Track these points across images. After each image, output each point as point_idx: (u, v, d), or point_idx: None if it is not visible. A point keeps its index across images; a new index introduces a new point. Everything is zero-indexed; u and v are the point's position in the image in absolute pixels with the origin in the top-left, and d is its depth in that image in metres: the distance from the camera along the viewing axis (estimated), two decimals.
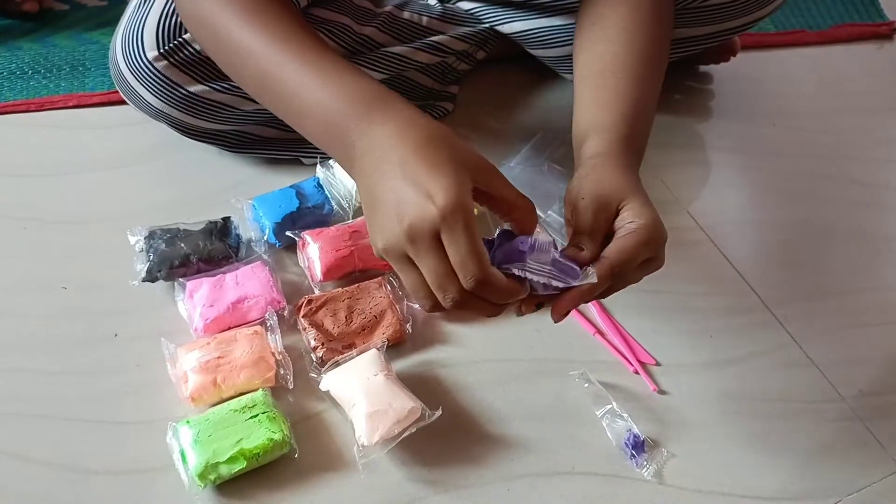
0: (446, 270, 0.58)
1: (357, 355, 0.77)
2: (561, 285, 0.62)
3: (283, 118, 0.71)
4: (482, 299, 0.60)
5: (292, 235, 0.86)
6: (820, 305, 0.90)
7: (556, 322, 0.66)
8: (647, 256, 0.66)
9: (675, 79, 0.89)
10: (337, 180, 0.92)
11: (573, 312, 0.86)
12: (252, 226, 0.89)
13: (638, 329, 0.85)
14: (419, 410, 0.73)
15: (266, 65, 0.69)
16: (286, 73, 0.67)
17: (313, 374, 0.77)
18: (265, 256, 0.85)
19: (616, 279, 0.64)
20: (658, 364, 0.82)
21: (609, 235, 0.66)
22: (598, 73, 0.77)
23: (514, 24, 1.03)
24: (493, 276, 0.59)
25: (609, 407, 0.77)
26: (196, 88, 0.88)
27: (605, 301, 0.87)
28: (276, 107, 0.71)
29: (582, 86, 0.78)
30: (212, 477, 0.69)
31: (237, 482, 0.71)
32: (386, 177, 0.60)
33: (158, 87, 0.87)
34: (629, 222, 0.65)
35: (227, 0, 0.70)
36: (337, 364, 0.77)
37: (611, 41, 0.78)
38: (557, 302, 0.64)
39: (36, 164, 0.96)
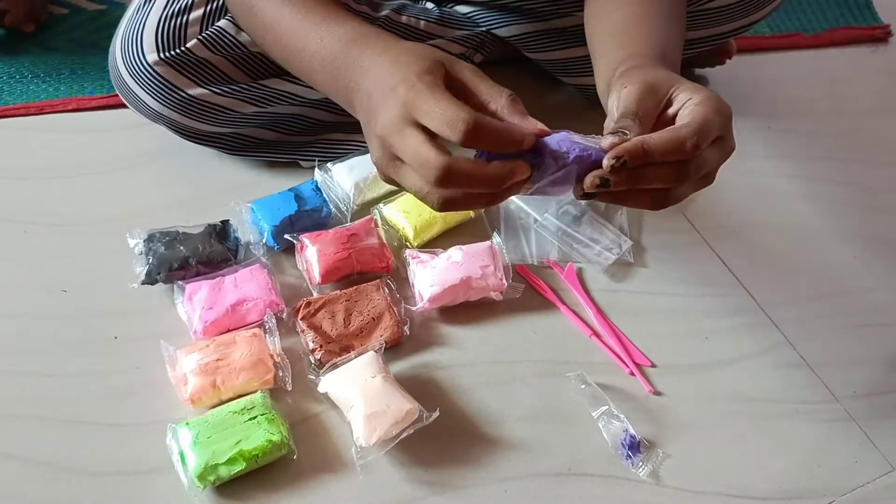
0: (422, 154, 0.58)
1: (355, 357, 0.78)
2: (594, 143, 0.57)
3: (307, 81, 0.75)
4: (479, 177, 0.58)
5: (291, 238, 0.87)
6: (814, 307, 0.90)
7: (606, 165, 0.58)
8: (721, 131, 0.60)
9: None
10: (335, 183, 0.93)
11: (570, 315, 0.86)
12: (251, 229, 0.89)
13: (633, 331, 0.86)
14: (417, 412, 0.74)
15: (283, 28, 0.73)
16: (295, 34, 0.72)
17: (312, 376, 0.78)
18: (264, 259, 0.86)
19: (695, 158, 0.58)
20: (653, 365, 0.83)
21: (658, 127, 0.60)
22: (622, 33, 0.74)
23: (511, 28, 1.03)
24: (486, 120, 0.57)
25: (605, 408, 0.78)
26: (195, 91, 0.88)
27: (600, 303, 0.87)
28: (297, 70, 0.75)
29: (606, 47, 0.74)
30: (211, 478, 0.69)
31: (236, 483, 0.71)
32: (370, 102, 0.63)
33: (158, 90, 0.88)
34: (689, 99, 0.60)
35: None
36: (335, 366, 0.77)
37: (630, 3, 0.76)
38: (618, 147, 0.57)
39: (36, 168, 0.97)
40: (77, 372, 0.79)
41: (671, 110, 0.62)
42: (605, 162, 0.57)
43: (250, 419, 0.72)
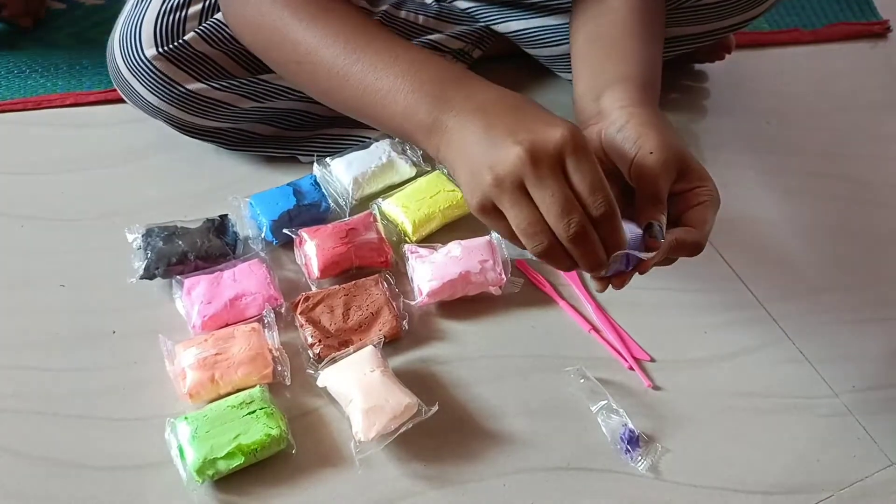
0: (569, 197, 0.57)
1: (354, 352, 0.78)
2: (644, 256, 0.63)
3: (355, 113, 0.72)
4: (591, 242, 0.58)
5: (289, 233, 0.87)
6: (813, 302, 0.90)
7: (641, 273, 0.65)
8: None
9: (669, 77, 0.90)
10: (334, 178, 0.93)
11: (569, 310, 0.86)
12: (249, 223, 0.89)
13: (633, 325, 0.86)
14: (415, 406, 0.74)
15: (338, 56, 0.69)
16: (363, 63, 0.68)
17: (310, 371, 0.78)
18: (262, 254, 0.86)
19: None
20: (653, 360, 0.83)
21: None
22: (605, 37, 0.76)
23: (510, 24, 1.03)
24: (617, 208, 0.58)
25: (604, 402, 0.78)
26: (194, 86, 0.88)
27: (600, 298, 0.87)
28: (346, 102, 0.71)
29: (587, 49, 0.77)
30: (210, 472, 0.69)
31: (235, 478, 0.71)
32: (491, 131, 0.59)
33: (156, 84, 0.88)
34: (700, 188, 0.65)
35: (284, 2, 0.71)
36: (334, 360, 0.77)
37: (613, 10, 0.78)
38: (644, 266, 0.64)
39: (33, 163, 0.97)
40: (75, 367, 0.79)
41: (681, 186, 0.66)
42: (641, 272, 0.65)
43: (249, 413, 0.72)
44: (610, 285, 0.66)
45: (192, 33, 0.87)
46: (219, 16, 0.88)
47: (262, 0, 0.73)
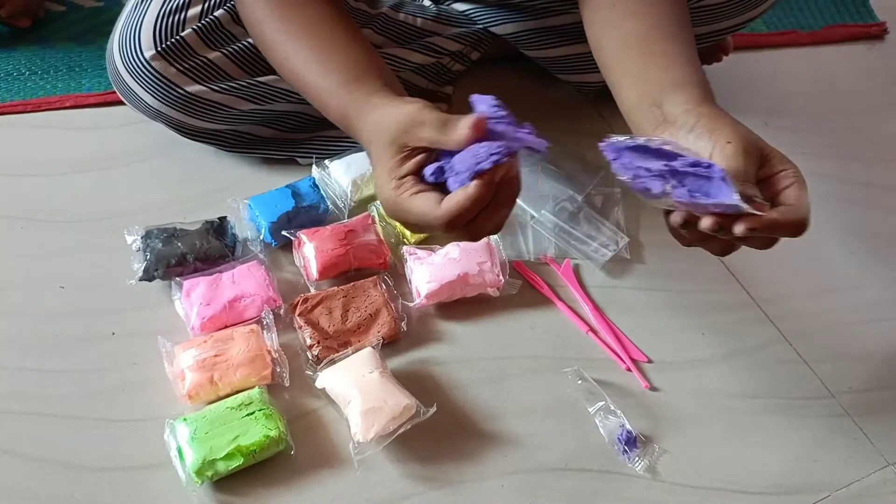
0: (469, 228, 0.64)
1: (352, 353, 0.78)
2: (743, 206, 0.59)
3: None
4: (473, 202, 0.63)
5: (288, 235, 0.87)
6: (810, 303, 0.91)
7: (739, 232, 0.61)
8: None
9: None
10: (332, 180, 0.93)
11: (567, 311, 0.87)
12: (248, 225, 0.89)
13: (630, 327, 0.86)
14: (414, 407, 0.74)
15: (291, 65, 0.77)
16: (304, 75, 0.76)
17: (309, 372, 0.78)
18: (261, 255, 0.86)
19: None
20: (650, 361, 0.83)
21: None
22: (641, 43, 0.74)
23: (508, 26, 1.03)
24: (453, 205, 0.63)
25: (602, 403, 0.78)
26: (193, 88, 0.88)
27: (597, 299, 0.88)
28: (308, 98, 0.78)
29: (624, 58, 0.75)
30: (209, 473, 0.70)
31: (234, 479, 0.71)
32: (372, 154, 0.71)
33: (156, 86, 0.88)
34: (786, 170, 0.65)
35: (265, 3, 0.77)
36: (332, 362, 0.77)
37: (641, 16, 0.76)
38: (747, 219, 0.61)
39: (33, 165, 0.97)
40: (75, 368, 0.79)
41: (766, 171, 0.65)
42: (739, 229, 0.61)
43: (248, 415, 0.72)
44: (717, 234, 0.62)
45: (189, 30, 0.87)
46: (217, 13, 0.89)
47: (254, 11, 0.78)
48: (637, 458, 0.75)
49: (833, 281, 0.93)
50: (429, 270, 0.84)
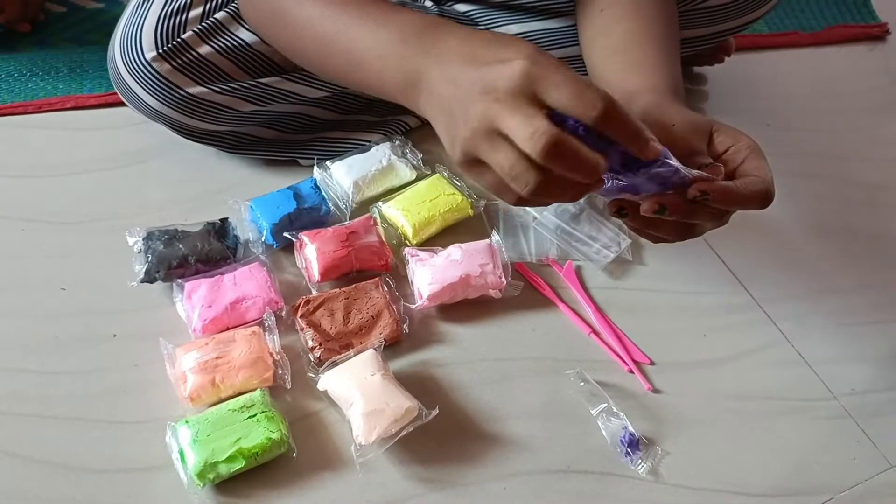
0: (538, 116, 0.52)
1: (354, 355, 0.78)
2: (681, 168, 0.58)
3: (347, 81, 0.71)
4: (572, 149, 0.52)
5: (290, 236, 0.87)
6: (812, 304, 0.91)
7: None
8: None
9: None
10: (334, 181, 0.93)
11: (569, 313, 0.86)
12: (250, 227, 0.89)
13: (632, 328, 0.86)
14: (416, 409, 0.74)
15: (324, 27, 0.69)
16: (341, 30, 0.67)
17: (311, 374, 0.78)
18: (263, 257, 0.86)
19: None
20: (652, 363, 0.83)
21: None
22: (623, 50, 0.75)
23: (510, 27, 1.03)
24: (566, 141, 0.52)
25: (604, 405, 0.78)
26: (195, 90, 0.88)
27: (599, 300, 0.88)
28: (337, 68, 0.70)
29: (607, 65, 0.76)
30: (210, 476, 0.70)
31: (236, 481, 0.71)
32: (456, 80, 0.56)
33: (157, 88, 0.88)
34: (737, 144, 0.63)
35: None
36: (334, 364, 0.77)
37: (629, 20, 0.77)
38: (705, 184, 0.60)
39: (34, 166, 0.97)
40: (76, 370, 0.79)
41: (717, 147, 0.64)
42: (691, 192, 0.59)
43: (250, 417, 0.72)
44: (662, 215, 0.60)
45: (190, 32, 0.87)
46: (218, 15, 0.88)
47: None
48: (639, 460, 0.75)
49: (835, 282, 0.93)
50: (431, 272, 0.84)
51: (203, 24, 0.88)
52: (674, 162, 0.58)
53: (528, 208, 0.94)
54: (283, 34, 0.76)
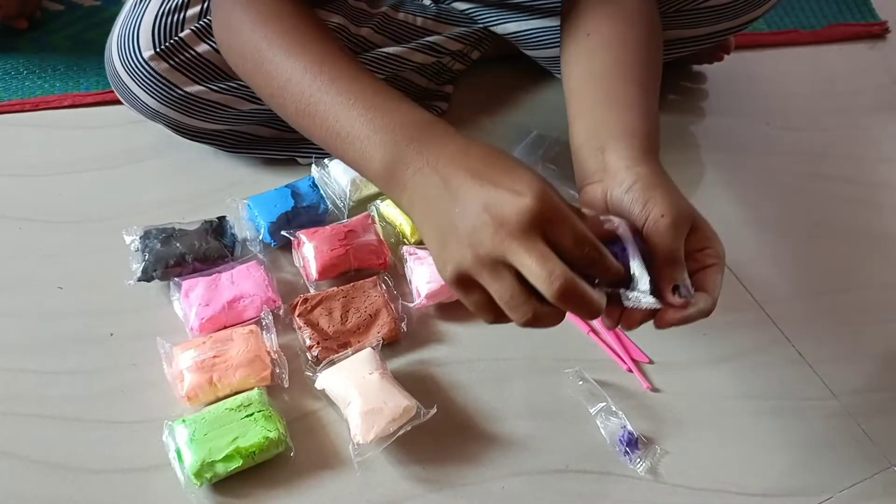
0: (549, 257, 0.54)
1: (352, 354, 0.77)
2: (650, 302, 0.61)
3: (323, 145, 0.69)
4: (579, 294, 0.55)
5: (287, 235, 0.87)
6: (812, 303, 0.90)
7: (660, 328, 0.62)
8: None
9: (669, 79, 0.90)
10: (332, 180, 0.93)
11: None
12: (247, 225, 0.89)
13: None
14: (414, 409, 0.74)
15: (305, 91, 0.67)
16: (326, 102, 0.66)
17: (309, 373, 0.78)
18: (260, 256, 0.86)
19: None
20: (651, 362, 0.83)
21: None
22: (604, 79, 0.74)
23: (509, 25, 1.03)
24: (581, 287, 0.54)
25: (603, 405, 0.78)
26: (192, 89, 0.88)
27: None
28: (319, 136, 0.69)
29: (585, 91, 0.74)
30: (208, 475, 0.69)
31: (233, 480, 0.71)
32: (458, 193, 0.57)
33: (154, 86, 0.87)
34: (709, 249, 0.64)
35: (262, 24, 0.71)
36: (332, 363, 0.77)
37: (611, 49, 0.75)
38: (664, 314, 0.62)
39: (31, 164, 0.97)
40: (73, 369, 0.78)
41: (690, 245, 0.64)
42: (664, 321, 0.62)
43: (247, 416, 0.72)
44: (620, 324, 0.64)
45: (187, 30, 0.87)
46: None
47: (244, 29, 0.73)
48: (638, 460, 0.75)
49: (835, 281, 0.93)
50: (429, 271, 0.84)
51: (201, 22, 0.88)
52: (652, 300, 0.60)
53: None
54: (259, 83, 0.73)
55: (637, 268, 0.60)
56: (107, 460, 0.73)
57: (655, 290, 0.61)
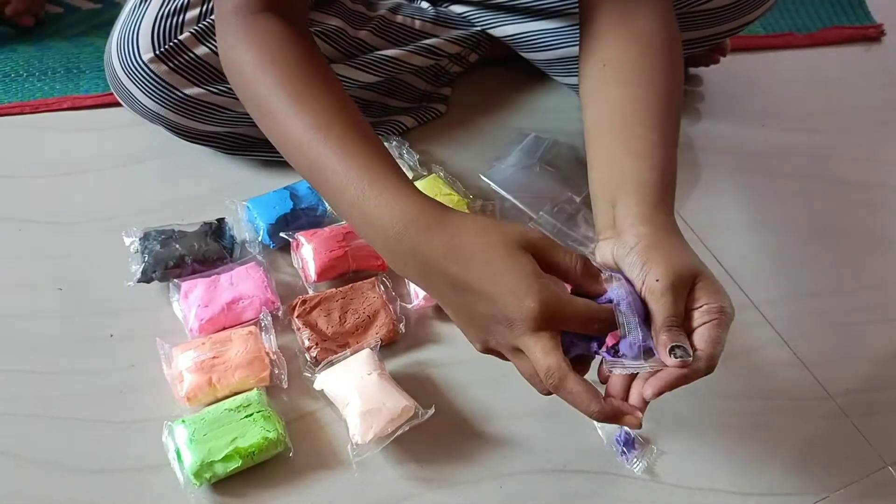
0: (553, 354, 0.60)
1: (351, 355, 0.78)
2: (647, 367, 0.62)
3: (328, 202, 0.70)
4: (570, 393, 0.61)
5: (286, 236, 0.87)
6: (808, 304, 0.91)
7: (649, 398, 0.63)
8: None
9: None
10: None
11: None
12: (246, 227, 0.89)
13: None
14: (412, 409, 0.74)
15: (311, 156, 0.67)
16: (329, 170, 0.66)
17: (307, 374, 0.78)
18: (259, 257, 0.86)
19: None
20: None
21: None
22: (622, 121, 0.72)
23: (507, 28, 1.03)
24: (570, 386, 0.60)
25: None
26: (192, 91, 0.88)
27: None
28: (324, 197, 0.70)
29: (600, 133, 0.73)
30: (207, 475, 0.70)
31: (232, 480, 0.71)
32: (464, 294, 0.62)
33: (154, 89, 0.88)
34: (709, 304, 0.63)
35: (273, 82, 0.69)
36: (331, 363, 0.78)
37: (627, 83, 0.73)
38: (656, 381, 0.62)
39: (31, 166, 0.97)
40: (73, 370, 0.79)
41: (692, 303, 0.64)
42: (647, 392, 0.63)
43: (246, 416, 0.72)
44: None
45: (186, 33, 0.87)
46: (214, 17, 0.88)
47: (246, 70, 0.71)
48: (635, 460, 0.75)
49: (830, 282, 0.94)
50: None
51: (200, 24, 0.88)
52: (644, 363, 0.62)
53: (523, 208, 0.94)
54: (262, 123, 0.73)
55: (625, 328, 0.61)
56: (106, 460, 0.73)
57: (646, 351, 0.62)
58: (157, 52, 0.86)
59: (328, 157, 0.66)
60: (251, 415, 0.72)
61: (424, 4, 1.06)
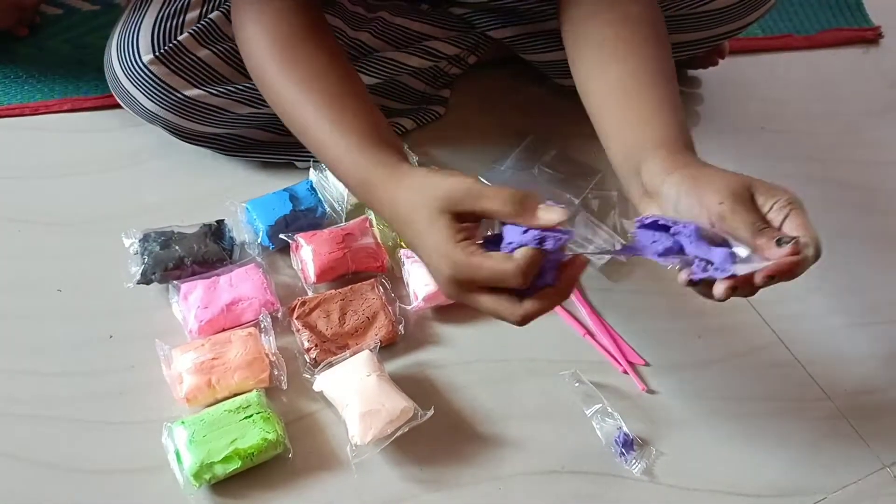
0: (501, 303, 0.63)
1: (350, 356, 0.78)
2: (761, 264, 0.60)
3: (317, 155, 0.76)
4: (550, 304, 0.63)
5: (286, 238, 0.87)
6: (806, 305, 0.91)
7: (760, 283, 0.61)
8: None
9: None
10: (330, 184, 0.93)
11: (564, 314, 0.87)
12: (246, 228, 0.89)
13: (627, 330, 0.86)
14: (411, 410, 0.74)
15: (297, 114, 0.75)
16: (314, 128, 0.74)
17: (307, 375, 0.78)
18: (259, 259, 0.86)
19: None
20: (647, 364, 0.84)
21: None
22: (623, 92, 0.74)
23: (505, 30, 1.03)
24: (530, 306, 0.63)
25: (599, 406, 0.78)
26: (192, 92, 0.88)
27: (594, 302, 0.88)
28: (309, 144, 0.76)
29: (607, 110, 0.75)
30: (207, 476, 0.70)
31: (232, 482, 0.71)
32: (416, 249, 0.68)
33: (154, 90, 0.88)
34: (777, 200, 0.63)
35: (266, 43, 0.76)
36: (330, 365, 0.78)
37: (624, 60, 0.75)
38: (773, 266, 0.61)
39: (31, 168, 0.97)
40: (73, 371, 0.79)
41: (762, 208, 0.64)
42: (758, 280, 0.61)
43: (246, 418, 0.72)
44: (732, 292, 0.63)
45: (187, 34, 0.87)
46: (212, 15, 0.89)
47: (254, 52, 0.78)
48: (634, 461, 0.76)
49: (828, 283, 0.94)
50: (426, 273, 0.84)
51: (200, 25, 0.88)
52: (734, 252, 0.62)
53: None
54: (273, 105, 0.79)
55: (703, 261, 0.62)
56: (106, 461, 0.73)
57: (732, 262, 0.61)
58: (157, 54, 0.87)
59: (306, 106, 0.74)
60: (251, 416, 0.72)
61: (423, 6, 1.06)
